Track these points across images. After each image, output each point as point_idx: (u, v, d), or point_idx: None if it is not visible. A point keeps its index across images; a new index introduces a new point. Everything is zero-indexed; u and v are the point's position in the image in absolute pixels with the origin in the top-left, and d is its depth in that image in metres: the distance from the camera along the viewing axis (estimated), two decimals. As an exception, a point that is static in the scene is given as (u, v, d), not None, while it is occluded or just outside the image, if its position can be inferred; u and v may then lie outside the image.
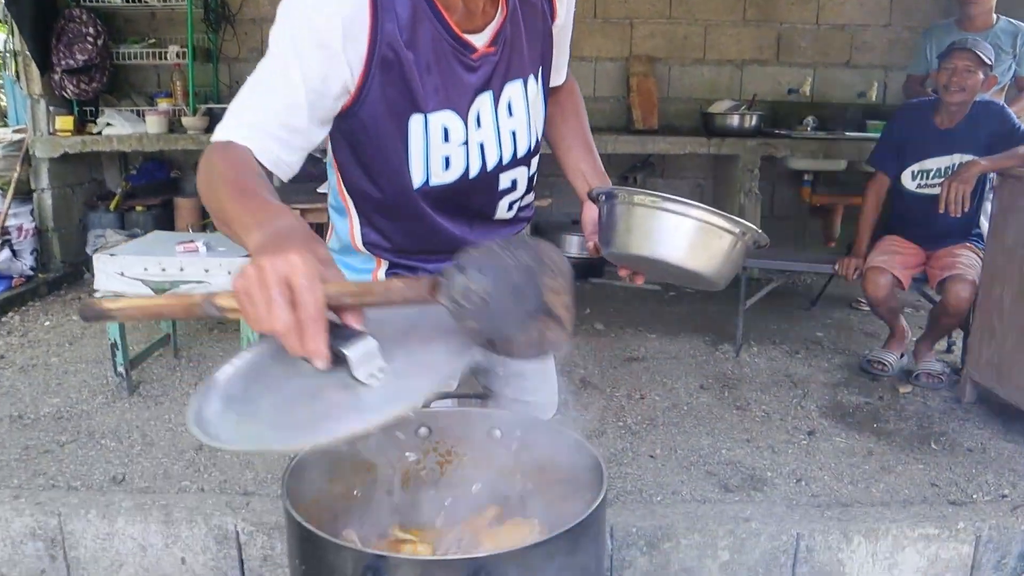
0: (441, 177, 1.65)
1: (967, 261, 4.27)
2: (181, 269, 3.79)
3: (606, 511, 1.32)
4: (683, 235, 1.51)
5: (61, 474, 3.34)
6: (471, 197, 1.74)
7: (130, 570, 3.04)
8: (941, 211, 4.16)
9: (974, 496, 3.27)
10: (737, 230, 1.51)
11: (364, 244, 1.85)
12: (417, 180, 1.64)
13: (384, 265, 1.96)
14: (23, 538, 3.04)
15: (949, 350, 4.92)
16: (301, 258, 0.94)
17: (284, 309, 0.91)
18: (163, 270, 3.78)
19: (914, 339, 4.61)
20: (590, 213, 1.88)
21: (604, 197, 1.67)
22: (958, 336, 4.71)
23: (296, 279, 0.92)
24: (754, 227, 1.52)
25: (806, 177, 6.40)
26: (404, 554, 1.08)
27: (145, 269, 3.77)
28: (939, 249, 4.43)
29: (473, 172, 1.68)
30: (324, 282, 0.95)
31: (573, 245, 5.70)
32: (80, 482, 3.28)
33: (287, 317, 0.92)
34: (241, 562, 2.99)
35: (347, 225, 1.85)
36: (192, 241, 3.98)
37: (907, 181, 4.53)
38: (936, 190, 4.29)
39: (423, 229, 1.75)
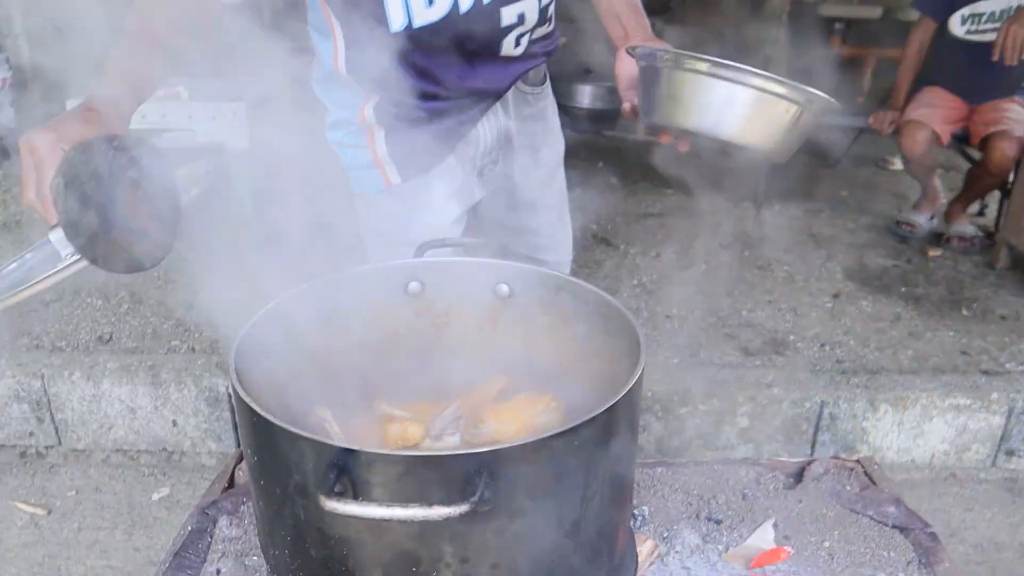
0: (425, 16, 1.42)
1: (1015, 116, 3.87)
2: (163, 116, 3.43)
3: (641, 389, 1.04)
4: (740, 107, 1.29)
5: (46, 334, 3.10)
6: (468, 34, 1.49)
7: (120, 432, 2.85)
8: (995, 58, 3.71)
9: (1007, 366, 3.02)
10: (802, 99, 1.28)
11: (348, 70, 1.55)
12: (397, 22, 1.42)
13: (373, 100, 1.64)
14: (7, 400, 2.83)
15: (981, 213, 4.57)
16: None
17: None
18: (143, 117, 3.42)
19: (945, 201, 4.26)
20: (626, 68, 1.56)
21: (646, 58, 1.40)
22: (991, 199, 4.37)
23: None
24: (822, 95, 1.28)
25: (837, 26, 5.88)
26: (379, 448, 0.81)
27: (125, 115, 3.41)
28: (984, 103, 4.02)
29: (464, 7, 1.43)
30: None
31: (585, 96, 5.26)
32: (65, 342, 3.05)
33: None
34: (235, 425, 2.78)
35: (331, 47, 1.55)
36: (174, 86, 3.59)
37: (955, 26, 4.06)
38: (987, 36, 3.85)
39: (414, 72, 1.53)
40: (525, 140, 1.88)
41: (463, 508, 0.73)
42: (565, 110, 2.29)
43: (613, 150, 5.30)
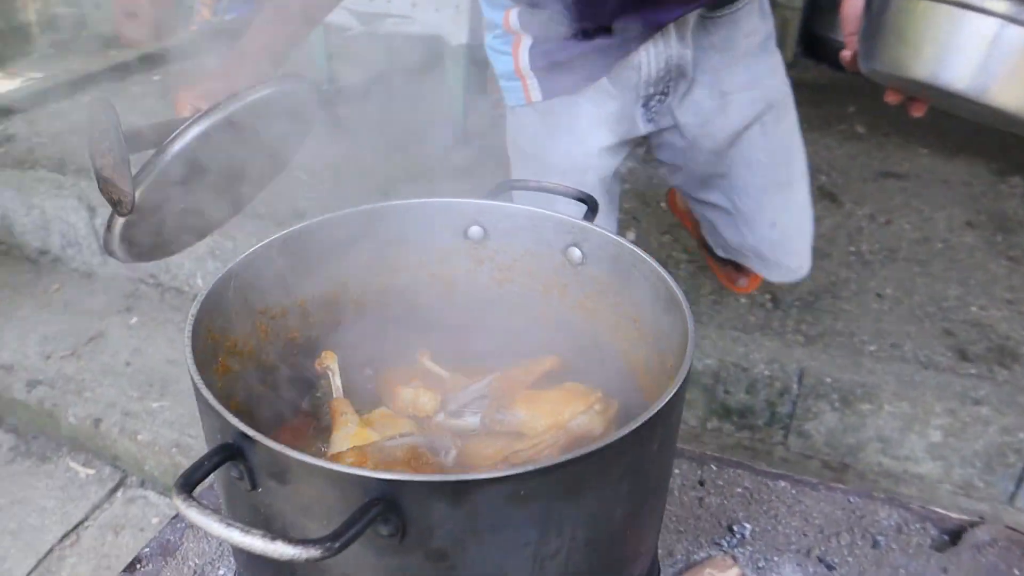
0: None
1: None
2: (388, 1, 3.37)
3: (683, 403, 0.78)
4: (1001, 52, 0.89)
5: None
6: None
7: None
8: None
9: None
10: None
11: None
12: None
13: (519, 6, 1.44)
14: (203, 256, 2.98)
15: None
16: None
17: None
18: (370, 0, 3.38)
19: None
20: (852, 5, 1.22)
21: None
22: None
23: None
24: None
25: None
26: (272, 442, 0.61)
27: (353, -5, 3.39)
28: None
29: None
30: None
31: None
32: (265, 209, 3.13)
33: None
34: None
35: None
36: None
37: None
38: None
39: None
40: (706, 76, 1.57)
41: (312, 553, 0.55)
42: (824, 43, 1.88)
43: (872, 93, 4.60)
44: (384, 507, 0.61)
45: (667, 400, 0.68)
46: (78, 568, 2.24)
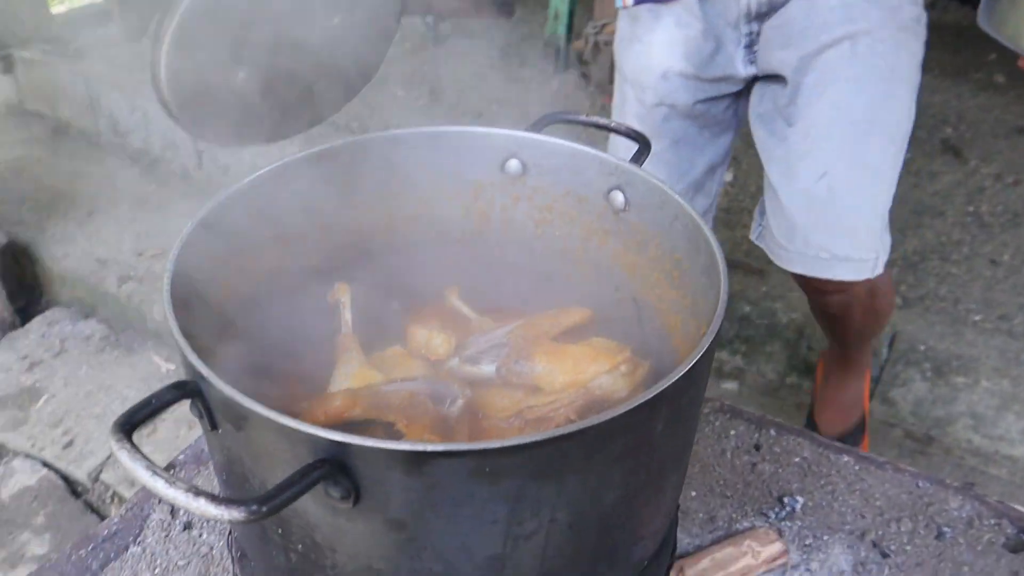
0: None
1: None
2: (494, -87, 3.20)
3: (704, 380, 0.68)
4: None
5: (340, 116, 3.18)
6: None
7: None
8: None
9: None
10: None
11: None
12: None
13: None
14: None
15: None
16: None
17: None
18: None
19: None
20: None
21: None
22: None
23: None
24: None
25: None
26: (229, 388, 0.55)
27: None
28: None
29: None
30: None
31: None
32: (358, 124, 3.10)
33: None
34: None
35: None
36: None
37: None
38: None
39: None
40: (776, 18, 1.39)
41: (235, 514, 0.49)
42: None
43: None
44: (333, 468, 0.54)
45: (671, 383, 0.58)
46: (154, 456, 2.32)
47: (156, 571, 1.12)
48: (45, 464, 2.26)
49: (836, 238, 1.41)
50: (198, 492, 0.50)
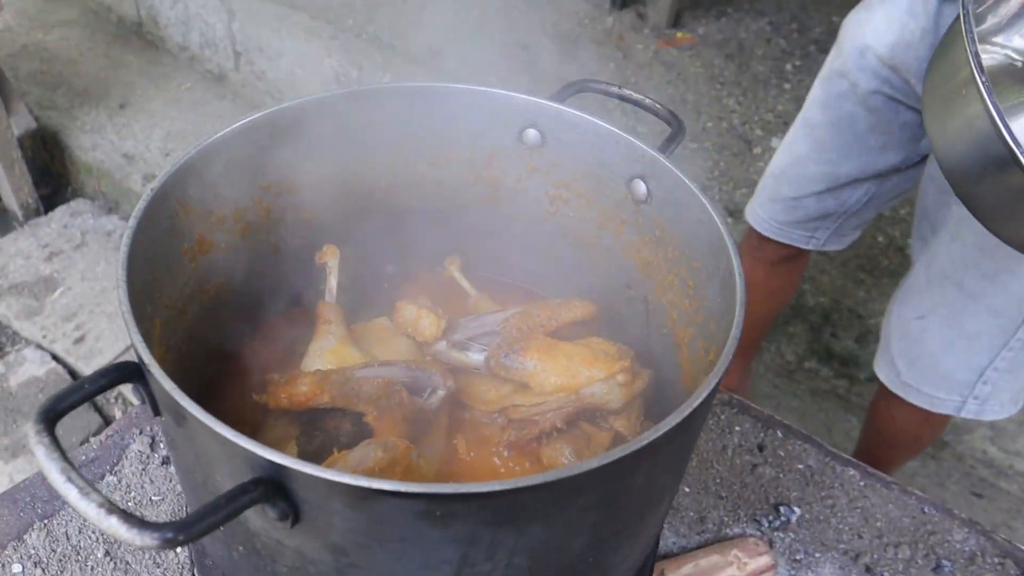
0: None
1: None
2: None
3: (697, 429, 0.61)
4: None
5: (384, 31, 3.04)
6: None
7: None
8: None
9: None
10: None
11: None
12: None
13: None
14: (328, 81, 2.89)
15: None
16: None
17: None
18: None
19: None
20: None
21: None
22: None
23: None
24: None
25: None
26: (168, 381, 0.49)
27: None
28: None
29: None
30: None
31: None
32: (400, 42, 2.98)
33: None
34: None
35: None
36: None
37: None
38: None
39: None
40: None
41: (148, 541, 0.44)
42: None
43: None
44: (269, 490, 0.49)
45: (659, 434, 0.51)
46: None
47: (129, 504, 1.09)
48: (55, 357, 2.26)
49: (927, 379, 1.43)
50: (111, 509, 0.45)
